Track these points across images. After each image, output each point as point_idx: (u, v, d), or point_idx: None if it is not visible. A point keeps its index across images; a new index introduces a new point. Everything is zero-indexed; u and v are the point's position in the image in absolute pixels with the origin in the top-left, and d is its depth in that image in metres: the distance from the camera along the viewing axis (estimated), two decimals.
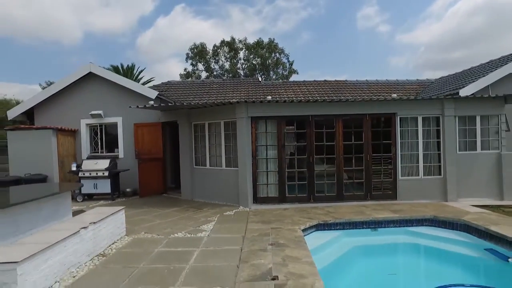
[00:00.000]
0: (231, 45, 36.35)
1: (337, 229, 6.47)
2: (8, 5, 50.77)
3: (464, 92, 8.93)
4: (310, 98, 10.58)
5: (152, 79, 29.93)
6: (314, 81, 14.98)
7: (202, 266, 4.25)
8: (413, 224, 6.60)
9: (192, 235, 5.69)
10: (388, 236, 6.32)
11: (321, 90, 13.49)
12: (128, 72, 30.54)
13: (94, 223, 4.75)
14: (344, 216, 6.73)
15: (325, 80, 14.97)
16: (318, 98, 9.91)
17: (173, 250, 4.94)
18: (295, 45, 56.16)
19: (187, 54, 36.08)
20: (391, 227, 6.60)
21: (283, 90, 13.52)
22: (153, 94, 10.17)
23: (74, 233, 4.23)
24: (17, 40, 56.51)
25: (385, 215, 6.74)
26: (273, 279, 3.83)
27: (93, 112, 10.20)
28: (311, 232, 6.25)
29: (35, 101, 10.30)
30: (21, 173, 9.07)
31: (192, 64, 36.46)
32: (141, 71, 29.11)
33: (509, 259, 4.70)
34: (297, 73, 36.78)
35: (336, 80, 14.96)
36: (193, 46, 36.11)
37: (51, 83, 21.95)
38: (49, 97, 10.35)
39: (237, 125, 8.05)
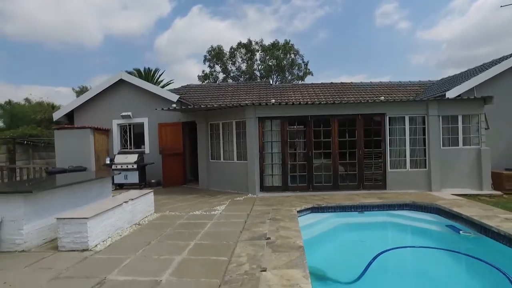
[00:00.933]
0: (247, 47, 37.49)
1: (329, 212, 7.65)
2: (37, 12, 54.12)
3: (450, 94, 9.92)
4: (309, 100, 11.74)
5: (172, 81, 31.74)
6: (322, 83, 16.13)
7: (213, 231, 5.60)
8: (395, 208, 7.71)
9: (207, 213, 7.05)
10: (372, 217, 7.47)
11: (326, 92, 14.64)
12: (150, 74, 32.43)
13: (132, 199, 6.18)
14: (336, 202, 7.94)
15: (331, 83, 16.11)
16: (316, 100, 11.07)
17: (192, 222, 6.32)
18: (312, 44, 56.36)
19: (205, 56, 37.44)
20: (375, 210, 7.72)
21: (291, 92, 14.76)
22: (175, 97, 11.65)
23: (119, 205, 5.67)
24: (44, 45, 59.65)
25: (371, 201, 7.91)
26: (267, 239, 5.13)
27: (123, 114, 11.79)
28: (307, 214, 7.46)
29: (75, 105, 12.01)
30: (65, 165, 10.72)
31: (209, 66, 37.83)
32: (161, 73, 30.90)
33: (460, 232, 5.82)
34: (312, 74, 37.57)
35: (342, 83, 16.06)
36: (210, 49, 37.41)
37: (83, 87, 24.00)
38: (86, 100, 12.02)
39: (247, 124, 9.36)
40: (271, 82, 37.88)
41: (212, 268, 3.92)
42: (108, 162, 11.00)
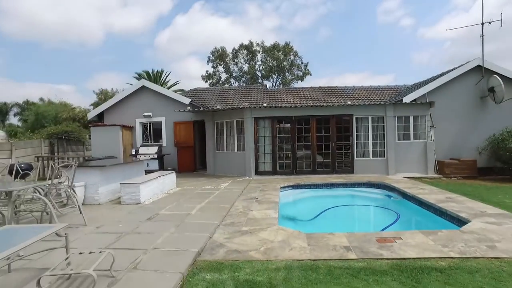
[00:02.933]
0: (249, 48, 39.77)
1: (305, 188, 10.22)
2: (39, 10, 55.71)
3: (406, 99, 12.43)
4: (293, 104, 14.31)
5: (178, 82, 34.43)
6: (311, 87, 18.68)
7: (220, 196, 8.23)
8: (355, 186, 10.27)
9: (215, 187, 9.66)
10: (337, 191, 10.03)
11: (314, 95, 17.17)
12: (157, 76, 35.01)
13: (163, 175, 8.82)
14: (312, 181, 10.53)
15: (320, 87, 18.65)
16: (298, 104, 13.61)
17: (205, 191, 8.94)
18: (314, 42, 57.16)
19: (208, 57, 39.67)
20: (341, 187, 10.29)
21: (284, 95, 17.31)
22: (187, 101, 14.25)
23: (155, 178, 8.30)
24: (45, 42, 61.57)
25: (339, 181, 10.49)
26: (256, 199, 7.75)
27: (145, 114, 14.42)
28: (288, 189, 10.01)
29: (105, 107, 14.66)
30: (99, 155, 13.37)
31: (213, 66, 40.11)
32: (168, 74, 33.45)
33: (391, 197, 8.42)
34: (311, 75, 39.57)
35: (328, 86, 18.61)
36: (214, 50, 39.60)
37: (102, 90, 26.63)
38: (115, 103, 14.66)
39: (245, 122, 11.94)
40: (271, 82, 40.18)
41: (220, 210, 6.56)
42: (133, 153, 13.62)
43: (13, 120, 42.46)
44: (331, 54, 60.23)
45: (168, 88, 35.22)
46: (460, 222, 5.36)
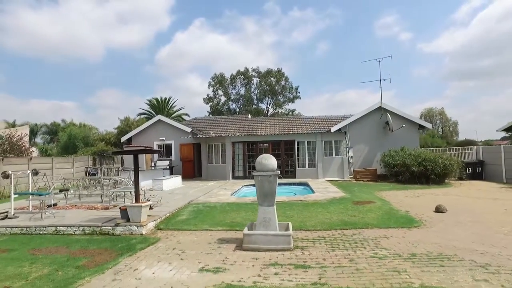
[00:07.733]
0: (245, 74, 46.21)
1: None
2: (41, 27, 59.76)
3: (333, 129, 18.84)
4: (258, 133, 20.86)
5: (182, 108, 41.00)
6: (280, 117, 25.23)
7: (206, 187, 14.64)
8: (292, 184, 16.59)
9: (205, 185, 16.04)
10: (279, 186, 16.30)
11: (282, 123, 23.64)
12: (165, 102, 41.72)
13: (174, 177, 15.25)
14: None
15: (287, 117, 25.24)
16: (259, 133, 20.17)
17: (198, 186, 15.33)
18: (314, 58, 59.28)
19: (209, 82, 45.79)
20: (283, 185, 16.59)
21: (259, 124, 23.81)
22: (189, 129, 20.78)
23: (170, 178, 14.73)
24: (47, 59, 65.03)
25: (284, 181, 16.82)
26: (225, 188, 14.14)
27: (160, 138, 20.96)
28: (249, 186, 16.30)
29: (133, 133, 21.26)
30: (130, 166, 19.77)
31: (213, 90, 46.40)
32: (175, 101, 40.06)
33: (305, 189, 14.75)
34: (300, 98, 45.17)
35: (293, 116, 25.18)
36: (214, 76, 45.77)
37: (126, 117, 33.55)
38: (139, 131, 21.25)
39: (226, 145, 18.40)
40: (265, 105, 46.01)
41: (204, 192, 12.98)
42: (152, 165, 20.07)
43: (37, 139, 48.76)
44: (332, 71, 62.68)
45: (174, 113, 41.92)
46: (313, 193, 11.71)
